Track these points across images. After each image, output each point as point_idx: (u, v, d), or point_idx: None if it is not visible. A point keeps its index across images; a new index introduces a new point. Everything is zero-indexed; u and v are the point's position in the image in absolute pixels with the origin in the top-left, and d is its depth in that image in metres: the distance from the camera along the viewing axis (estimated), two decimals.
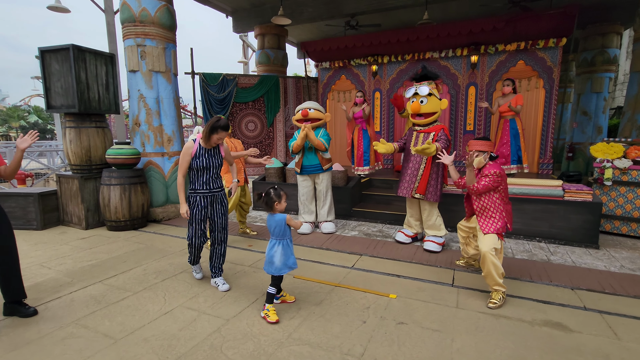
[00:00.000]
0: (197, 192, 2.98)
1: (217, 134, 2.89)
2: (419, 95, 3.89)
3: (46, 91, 4.90)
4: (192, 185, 2.99)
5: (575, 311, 2.71)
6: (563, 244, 4.21)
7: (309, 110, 4.52)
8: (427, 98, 3.86)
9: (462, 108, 6.93)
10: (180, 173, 2.93)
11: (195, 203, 2.97)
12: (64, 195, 5.12)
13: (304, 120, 4.57)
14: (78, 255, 3.93)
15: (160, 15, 5.17)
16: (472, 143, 3.01)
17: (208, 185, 3.00)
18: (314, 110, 4.55)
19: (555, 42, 6.03)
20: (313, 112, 4.54)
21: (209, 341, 2.30)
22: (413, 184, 3.96)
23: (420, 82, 3.95)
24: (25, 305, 2.64)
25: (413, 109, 3.91)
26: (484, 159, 2.97)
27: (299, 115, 4.59)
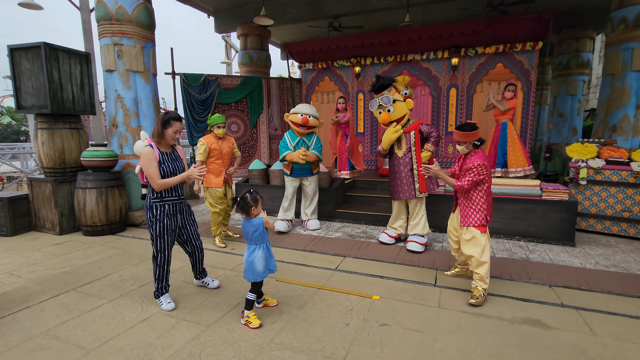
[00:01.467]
0: (164, 201, 2.68)
1: (170, 126, 2.64)
2: (384, 105, 3.94)
3: (16, 91, 4.69)
4: (157, 193, 2.67)
5: (553, 308, 2.77)
6: (541, 242, 4.31)
7: (309, 118, 4.53)
8: (392, 105, 3.91)
9: (444, 109, 7.03)
10: (157, 179, 2.60)
11: (163, 213, 2.67)
12: (36, 199, 4.91)
13: (301, 126, 4.55)
14: (50, 262, 3.76)
15: (138, 13, 5.03)
16: (454, 133, 2.97)
17: (176, 192, 2.77)
18: (313, 119, 4.59)
19: (532, 46, 6.19)
20: (312, 120, 4.57)
21: (187, 349, 2.22)
22: (413, 184, 3.96)
23: (380, 94, 3.99)
24: None
25: (383, 119, 3.98)
26: (466, 148, 2.94)
27: (298, 119, 4.53)
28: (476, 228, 2.88)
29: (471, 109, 6.83)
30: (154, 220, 2.67)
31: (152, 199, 2.67)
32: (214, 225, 4.28)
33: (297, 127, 4.57)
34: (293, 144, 4.65)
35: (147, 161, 2.58)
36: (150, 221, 2.68)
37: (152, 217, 2.67)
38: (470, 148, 2.95)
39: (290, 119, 4.64)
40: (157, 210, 2.67)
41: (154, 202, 2.67)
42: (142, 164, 2.61)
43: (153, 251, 2.74)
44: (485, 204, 2.91)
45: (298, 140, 4.67)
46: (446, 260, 3.74)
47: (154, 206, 2.67)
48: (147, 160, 2.58)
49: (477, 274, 2.88)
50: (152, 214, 2.66)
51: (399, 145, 4.02)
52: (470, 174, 2.86)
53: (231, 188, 4.42)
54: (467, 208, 2.95)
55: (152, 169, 2.58)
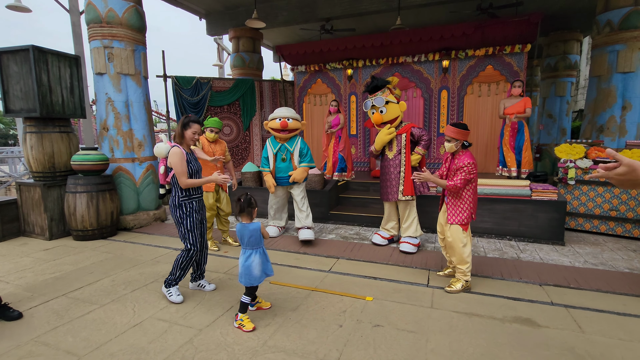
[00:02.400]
0: (192, 198, 2.87)
1: (190, 128, 2.82)
2: (377, 106, 3.97)
3: (4, 94, 4.63)
4: (186, 192, 2.83)
5: (543, 306, 2.81)
6: (532, 241, 4.37)
7: (288, 121, 4.28)
8: (385, 107, 3.94)
9: (435, 111, 7.10)
10: (185, 178, 2.74)
11: (192, 209, 2.86)
12: (25, 204, 4.83)
13: (281, 131, 4.33)
14: (40, 267, 3.71)
15: (129, 16, 5.01)
16: (446, 128, 3.03)
17: (200, 190, 2.97)
18: (293, 121, 4.33)
19: (521, 48, 6.29)
20: (292, 123, 4.32)
21: (180, 353, 2.21)
22: (398, 187, 4.00)
23: (374, 94, 4.02)
24: (9, 309, 2.67)
25: (375, 120, 4.01)
26: (455, 146, 3.01)
27: (276, 125, 4.30)
28: (459, 226, 2.99)
29: (462, 110, 6.91)
30: (185, 217, 2.83)
31: (182, 197, 2.83)
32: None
33: (277, 132, 4.33)
34: (274, 150, 4.42)
35: (178, 160, 2.71)
36: (180, 218, 2.83)
37: (182, 214, 2.83)
38: (459, 147, 3.03)
39: (270, 126, 4.36)
40: (186, 207, 2.84)
41: (184, 200, 2.83)
42: (173, 162, 2.72)
43: (186, 246, 2.88)
44: (472, 203, 2.99)
45: (280, 146, 4.41)
46: (438, 261, 3.78)
47: (183, 204, 2.83)
48: (178, 159, 2.72)
49: (460, 269, 3.06)
50: (182, 212, 2.83)
51: (389, 147, 4.05)
52: (462, 172, 2.92)
53: (226, 193, 4.36)
54: (455, 206, 3.03)
55: (183, 167, 2.73)
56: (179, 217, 2.83)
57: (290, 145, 4.42)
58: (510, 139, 5.32)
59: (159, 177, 2.99)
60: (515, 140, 5.32)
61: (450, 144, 3.03)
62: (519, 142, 5.27)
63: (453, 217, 3.04)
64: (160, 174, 2.98)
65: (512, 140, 5.32)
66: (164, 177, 2.96)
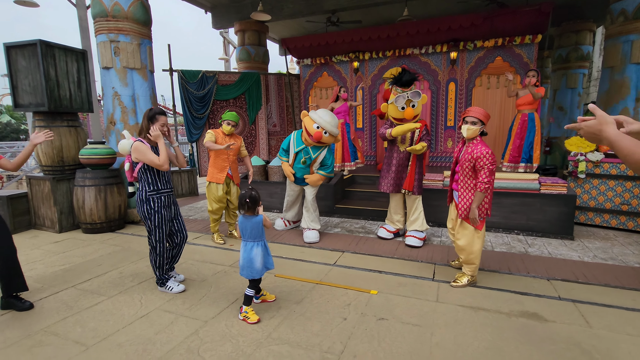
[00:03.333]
0: (160, 193, 2.83)
1: (157, 121, 2.77)
2: (411, 100, 3.77)
3: (13, 89, 4.68)
4: (153, 186, 2.80)
5: (551, 301, 2.78)
6: (540, 236, 4.31)
7: (324, 135, 3.96)
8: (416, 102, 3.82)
9: (443, 104, 7.01)
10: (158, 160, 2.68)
11: (160, 204, 2.82)
12: (35, 197, 4.91)
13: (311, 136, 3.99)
14: (50, 259, 3.78)
15: (134, 9, 5.01)
16: (471, 109, 2.83)
17: (169, 184, 2.93)
18: (328, 136, 4.01)
19: (531, 39, 6.15)
20: (327, 138, 4.01)
21: (185, 344, 2.24)
22: (400, 180, 3.95)
23: (409, 88, 3.82)
24: (21, 300, 2.74)
25: (408, 115, 3.77)
26: (479, 130, 2.79)
27: (312, 129, 3.97)
28: (469, 223, 2.91)
29: (470, 103, 6.80)
30: (152, 212, 2.80)
31: (149, 192, 2.79)
32: (212, 223, 4.28)
33: (307, 136, 4.04)
34: (296, 149, 4.18)
35: (143, 152, 2.69)
36: (147, 213, 2.79)
37: (149, 210, 2.79)
38: (477, 133, 2.81)
39: (305, 122, 4.06)
40: (154, 202, 2.80)
41: (151, 195, 2.79)
42: (139, 156, 2.71)
43: (151, 242, 2.88)
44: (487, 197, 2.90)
45: (303, 147, 4.15)
46: (445, 255, 3.75)
47: (151, 199, 2.79)
48: (142, 151, 2.69)
49: (467, 266, 3.01)
50: (149, 207, 2.78)
51: (402, 139, 3.94)
52: (485, 166, 2.70)
53: (237, 186, 4.34)
54: (468, 200, 2.88)
55: (151, 155, 2.70)
56: (146, 212, 2.79)
57: (315, 151, 4.15)
58: (518, 132, 5.19)
59: (126, 174, 2.91)
60: (525, 134, 5.17)
61: (476, 127, 2.77)
62: (529, 136, 5.14)
63: (464, 211, 2.90)
64: (127, 171, 2.90)
65: (521, 134, 5.18)
66: (130, 174, 2.87)
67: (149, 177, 2.80)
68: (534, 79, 5.02)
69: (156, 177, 2.83)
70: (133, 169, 2.84)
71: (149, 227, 2.85)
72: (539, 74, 5.15)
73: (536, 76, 5.04)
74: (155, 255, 2.92)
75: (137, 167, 2.77)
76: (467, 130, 2.82)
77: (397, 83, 3.87)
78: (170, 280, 3.01)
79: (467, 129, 2.82)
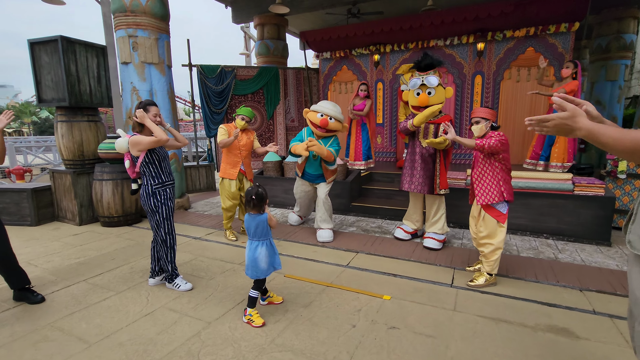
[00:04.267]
0: (165, 185, 2.83)
1: (150, 112, 2.76)
2: (427, 86, 3.55)
3: (37, 84, 4.80)
4: (158, 179, 2.79)
5: (583, 315, 2.51)
6: (572, 240, 3.98)
7: (329, 120, 3.96)
8: (434, 88, 3.58)
9: (468, 98, 6.66)
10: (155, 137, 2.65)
11: (166, 196, 2.83)
12: (58, 190, 5.05)
13: (319, 127, 3.99)
14: (67, 252, 3.84)
15: (152, 4, 5.00)
16: (476, 110, 2.96)
17: (172, 175, 2.93)
18: (335, 121, 4.01)
19: (567, 27, 5.70)
20: (333, 124, 3.99)
21: (186, 346, 2.17)
22: (432, 179, 3.70)
23: (426, 72, 3.60)
24: (33, 292, 2.75)
25: (422, 101, 3.55)
26: (485, 127, 2.89)
27: (317, 120, 3.97)
28: (492, 215, 2.85)
29: (498, 96, 6.42)
30: (160, 205, 2.79)
31: (155, 185, 2.78)
32: (225, 219, 4.23)
33: (314, 127, 4.02)
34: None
35: (139, 140, 2.66)
36: (155, 207, 2.78)
37: (157, 202, 2.78)
38: (488, 129, 2.90)
39: (309, 117, 4.08)
40: (160, 195, 2.80)
41: (157, 188, 2.79)
42: (138, 146, 2.68)
43: (161, 235, 2.85)
44: (501, 181, 2.84)
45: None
46: (465, 259, 3.52)
47: (157, 192, 2.78)
48: (139, 140, 2.66)
49: (487, 261, 2.93)
50: (156, 200, 2.78)
51: (424, 134, 3.70)
52: (493, 139, 2.77)
53: (251, 182, 4.24)
54: (482, 184, 2.90)
55: (147, 140, 2.65)
56: (153, 205, 2.77)
57: (325, 142, 4.10)
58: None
59: (128, 172, 2.88)
60: None
61: (480, 125, 2.90)
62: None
63: (481, 196, 2.88)
64: (128, 169, 2.87)
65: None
66: (132, 171, 2.83)
67: (152, 171, 2.77)
68: (569, 70, 4.64)
69: (159, 170, 2.80)
70: (134, 165, 2.81)
71: (157, 221, 2.82)
72: (579, 66, 4.74)
73: (571, 67, 4.66)
74: (166, 248, 2.88)
75: (139, 161, 2.74)
76: (475, 129, 2.95)
77: (416, 67, 3.69)
78: (179, 277, 2.97)
79: (475, 129, 2.95)
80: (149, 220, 2.86)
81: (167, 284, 2.97)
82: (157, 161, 2.79)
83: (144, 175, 2.79)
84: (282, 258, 3.63)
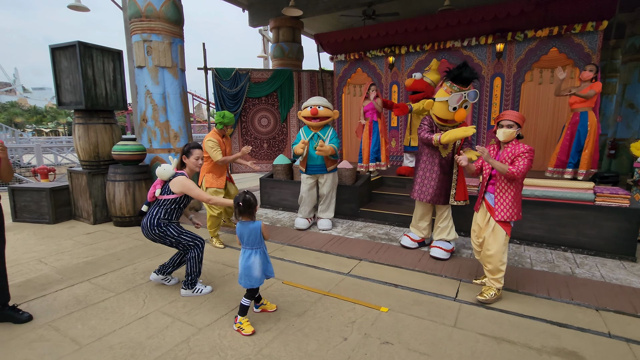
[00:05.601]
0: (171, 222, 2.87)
1: (192, 154, 2.92)
2: (467, 101, 3.34)
3: (57, 88, 5.00)
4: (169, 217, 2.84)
5: (597, 338, 2.32)
6: (593, 254, 3.71)
7: (318, 109, 4.36)
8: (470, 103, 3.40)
9: (487, 101, 6.40)
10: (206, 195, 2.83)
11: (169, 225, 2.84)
12: (75, 190, 5.23)
13: (312, 118, 4.42)
14: (77, 251, 3.96)
15: (166, 9, 5.11)
16: (506, 113, 2.69)
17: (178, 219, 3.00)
18: (324, 108, 4.41)
19: (595, 26, 5.37)
20: (322, 110, 4.39)
21: (173, 353, 2.15)
22: (448, 190, 3.57)
23: (468, 87, 3.34)
24: (18, 311, 2.51)
25: (461, 117, 3.32)
26: (515, 133, 2.68)
27: (307, 112, 4.43)
28: (503, 228, 2.70)
29: (518, 100, 6.14)
30: (164, 230, 2.79)
31: (162, 219, 2.81)
32: (211, 228, 4.12)
33: (309, 120, 4.44)
34: (307, 139, 4.47)
35: (187, 187, 2.79)
36: (162, 233, 2.79)
37: (160, 231, 2.79)
38: (514, 135, 2.70)
39: (302, 114, 4.50)
40: (164, 225, 2.81)
41: (162, 221, 2.80)
42: (182, 189, 2.78)
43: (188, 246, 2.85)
44: (518, 200, 2.70)
45: (312, 134, 4.50)
46: (473, 270, 3.35)
47: (161, 224, 2.80)
48: (187, 187, 2.79)
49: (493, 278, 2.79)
50: (159, 229, 2.79)
51: (445, 145, 3.48)
52: (524, 159, 2.58)
53: (235, 186, 4.38)
54: (503, 199, 2.71)
55: (198, 190, 2.83)
56: (159, 233, 2.78)
57: (323, 133, 4.49)
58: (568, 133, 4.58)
59: (148, 193, 2.89)
60: (574, 135, 4.55)
61: (511, 130, 2.67)
62: (578, 137, 4.50)
63: (501, 212, 2.70)
64: (150, 191, 2.88)
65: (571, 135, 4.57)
66: (152, 194, 2.85)
67: (171, 208, 2.83)
68: (591, 73, 4.38)
69: (176, 212, 2.89)
70: (162, 194, 2.82)
71: (171, 242, 2.82)
72: (599, 70, 4.50)
73: (594, 71, 4.40)
74: (199, 252, 2.86)
75: (170, 197, 2.79)
76: (504, 133, 2.69)
77: (456, 79, 3.28)
78: (198, 283, 2.94)
79: (504, 132, 2.69)
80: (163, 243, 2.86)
81: (187, 290, 2.89)
82: (183, 206, 2.91)
83: (159, 205, 2.81)
84: (284, 264, 3.59)
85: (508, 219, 2.69)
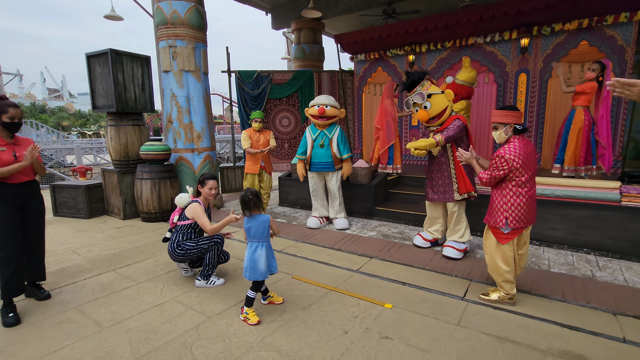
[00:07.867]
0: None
1: (206, 185, 3.03)
2: (419, 103, 3.54)
3: (92, 93, 5.39)
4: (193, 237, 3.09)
5: (609, 342, 2.23)
6: (618, 257, 3.52)
7: (326, 108, 4.45)
8: (428, 101, 3.48)
9: (511, 98, 6.19)
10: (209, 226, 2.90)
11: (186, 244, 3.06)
12: (107, 187, 5.61)
13: (319, 117, 4.50)
14: (107, 243, 4.26)
15: (190, 15, 5.37)
16: (492, 113, 2.61)
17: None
18: (331, 108, 4.49)
19: (629, 17, 5.07)
20: (330, 110, 4.47)
21: (182, 338, 2.30)
22: (450, 186, 3.55)
23: (412, 91, 3.59)
24: (41, 289, 2.89)
25: (422, 117, 3.57)
26: (504, 133, 2.53)
27: (314, 111, 4.52)
28: (492, 233, 2.62)
29: (545, 96, 5.90)
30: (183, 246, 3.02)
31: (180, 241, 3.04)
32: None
33: (316, 119, 4.53)
34: (313, 136, 4.60)
35: (198, 215, 2.93)
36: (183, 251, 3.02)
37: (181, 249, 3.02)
38: (509, 134, 2.54)
39: (309, 113, 4.61)
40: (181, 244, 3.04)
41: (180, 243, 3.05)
42: (194, 216, 2.95)
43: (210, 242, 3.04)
44: (512, 206, 2.52)
45: (319, 133, 4.60)
46: (485, 271, 3.28)
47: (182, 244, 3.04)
48: (198, 214, 2.93)
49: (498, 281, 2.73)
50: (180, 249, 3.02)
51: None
52: (490, 167, 2.54)
53: (270, 175, 4.98)
54: (491, 203, 2.68)
55: (205, 219, 2.93)
56: (180, 253, 3.00)
57: (330, 131, 4.58)
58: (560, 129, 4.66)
59: (169, 221, 3.14)
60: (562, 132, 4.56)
61: (498, 132, 2.56)
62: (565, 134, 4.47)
63: (487, 215, 2.69)
64: (171, 218, 3.13)
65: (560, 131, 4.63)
66: (172, 221, 3.11)
67: (187, 233, 3.06)
68: (594, 73, 4.26)
69: (193, 236, 3.09)
70: (180, 219, 3.07)
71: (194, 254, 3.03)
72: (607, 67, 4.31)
73: (597, 70, 4.25)
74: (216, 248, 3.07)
75: (187, 221, 3.02)
76: (494, 136, 2.62)
77: (403, 88, 3.72)
78: (212, 275, 3.14)
79: (494, 136, 2.62)
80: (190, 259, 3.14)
81: (202, 281, 3.08)
82: (199, 230, 3.10)
83: (179, 231, 3.05)
84: (296, 260, 3.69)
85: (493, 224, 2.61)
